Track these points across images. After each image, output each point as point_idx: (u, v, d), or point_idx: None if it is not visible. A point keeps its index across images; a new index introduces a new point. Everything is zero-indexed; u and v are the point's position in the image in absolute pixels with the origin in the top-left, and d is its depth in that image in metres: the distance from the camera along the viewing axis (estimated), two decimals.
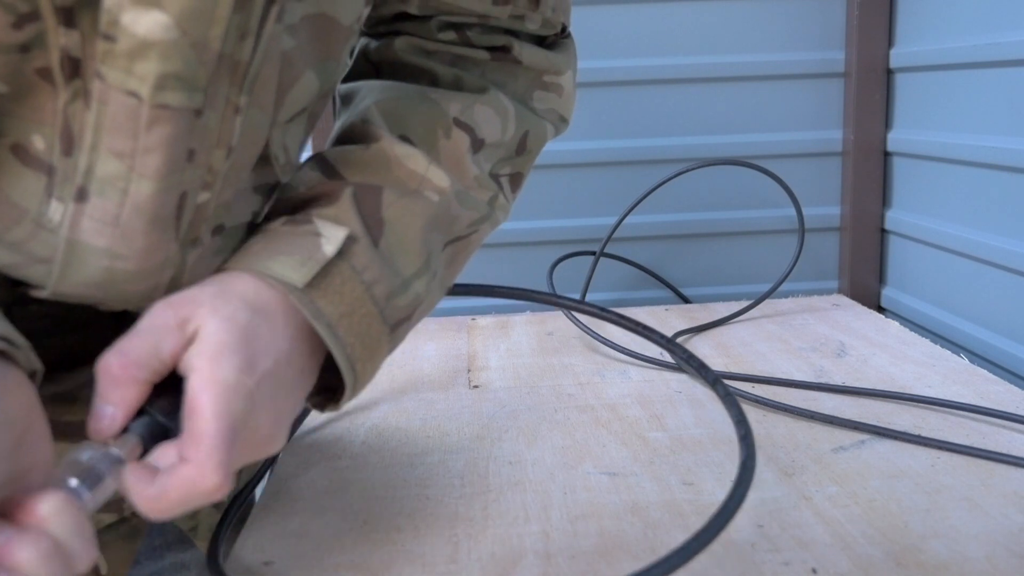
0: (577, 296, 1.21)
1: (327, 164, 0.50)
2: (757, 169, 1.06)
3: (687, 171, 1.08)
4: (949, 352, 0.90)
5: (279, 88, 0.44)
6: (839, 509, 0.58)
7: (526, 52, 0.59)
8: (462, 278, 0.59)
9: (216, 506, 0.60)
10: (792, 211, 1.08)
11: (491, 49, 0.58)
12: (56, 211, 0.40)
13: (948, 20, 1.01)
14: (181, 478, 0.37)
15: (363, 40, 0.59)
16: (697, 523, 0.57)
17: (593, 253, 1.17)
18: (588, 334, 1.00)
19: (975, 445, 0.66)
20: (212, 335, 0.39)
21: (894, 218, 1.16)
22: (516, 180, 0.61)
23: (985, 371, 0.84)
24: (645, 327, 0.61)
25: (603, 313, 0.62)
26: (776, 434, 0.71)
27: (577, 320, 1.04)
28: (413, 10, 0.56)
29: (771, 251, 1.24)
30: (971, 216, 0.99)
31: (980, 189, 0.97)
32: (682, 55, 1.18)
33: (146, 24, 0.35)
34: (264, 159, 0.47)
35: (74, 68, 0.37)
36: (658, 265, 1.25)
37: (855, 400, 0.78)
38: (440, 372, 0.91)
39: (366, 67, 0.59)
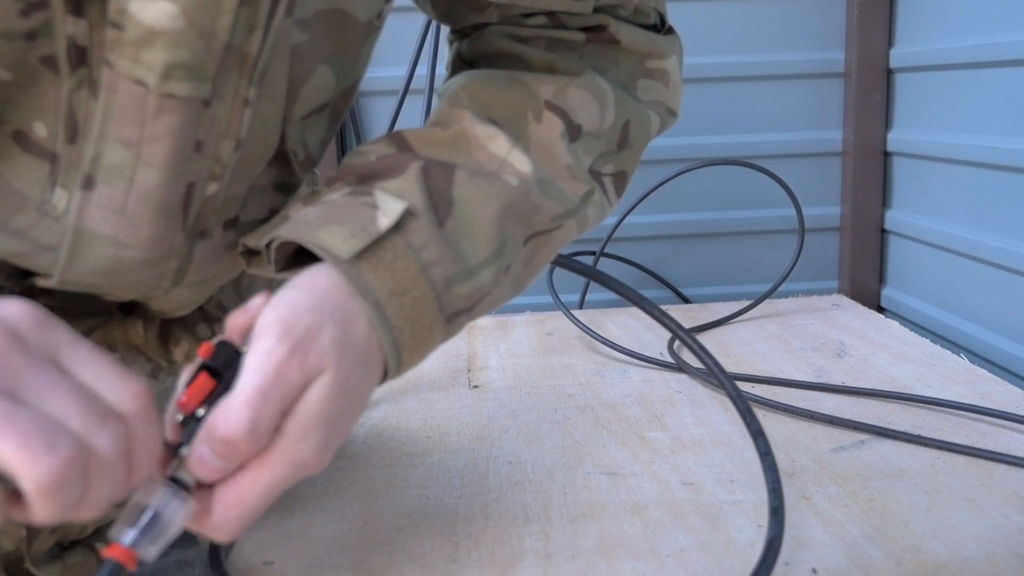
0: (576, 297, 1.21)
1: (403, 141, 0.47)
2: (757, 169, 1.06)
3: (687, 171, 1.08)
4: (949, 352, 0.90)
5: (291, 82, 0.44)
6: (839, 509, 0.58)
7: (624, 31, 0.54)
8: None
9: None
10: (792, 211, 1.08)
11: (586, 30, 0.54)
12: (60, 199, 0.40)
13: (948, 20, 1.01)
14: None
15: (456, 45, 0.58)
16: (697, 523, 0.57)
17: (593, 253, 1.17)
18: (588, 334, 1.00)
19: (975, 445, 0.66)
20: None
21: (894, 218, 1.16)
22: (620, 180, 0.55)
23: (985, 371, 0.84)
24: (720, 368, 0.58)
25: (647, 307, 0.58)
26: (776, 434, 0.71)
27: (577, 320, 1.04)
28: (492, 20, 0.54)
29: (771, 251, 1.24)
30: (971, 216, 0.99)
31: (980, 189, 0.97)
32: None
33: (153, 13, 0.36)
34: (281, 156, 0.47)
35: (80, 57, 0.37)
36: (658, 265, 1.25)
37: (855, 400, 0.78)
38: (440, 372, 0.91)
39: (461, 67, 0.57)
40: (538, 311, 1.17)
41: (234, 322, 0.39)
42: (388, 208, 0.42)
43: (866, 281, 1.20)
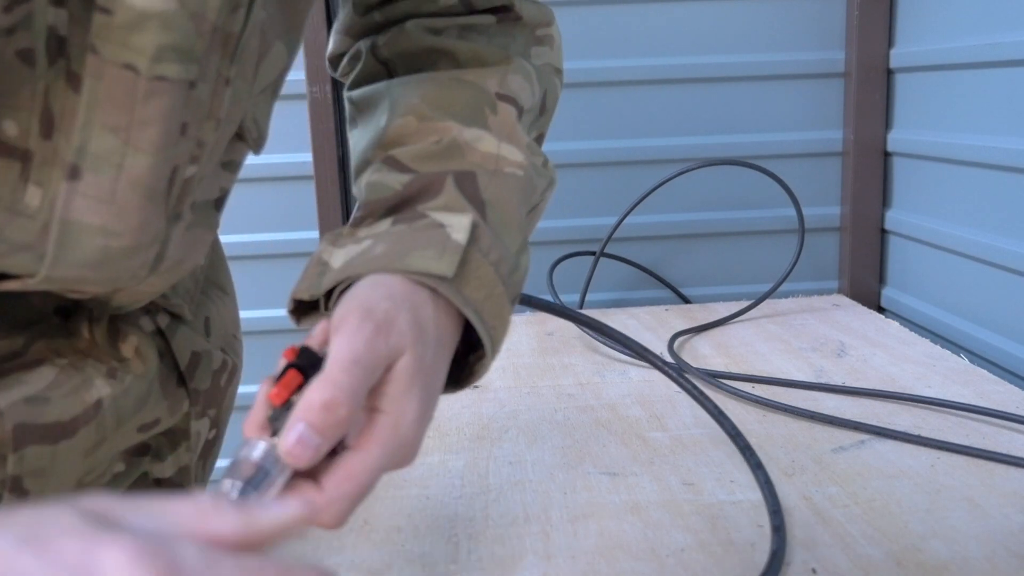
0: (577, 296, 1.21)
1: (402, 165, 0.49)
2: (757, 169, 1.06)
3: (687, 171, 1.08)
4: (949, 352, 0.90)
5: (256, 60, 0.45)
6: (839, 509, 0.58)
7: (525, 7, 0.58)
8: None
9: None
10: (792, 211, 1.08)
11: (495, 11, 0.57)
12: (33, 196, 0.39)
13: (948, 20, 1.01)
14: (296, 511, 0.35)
15: (366, 41, 0.58)
16: (697, 523, 0.57)
17: (593, 253, 1.17)
18: (588, 334, 1.00)
19: (975, 445, 0.66)
20: (405, 384, 0.39)
21: (894, 218, 1.16)
22: (540, 141, 0.60)
23: (985, 371, 0.84)
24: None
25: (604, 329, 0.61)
26: (776, 434, 0.71)
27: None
28: None
29: (771, 251, 1.24)
30: (971, 216, 0.99)
31: (980, 189, 0.97)
32: (682, 55, 1.18)
33: None
34: (237, 134, 0.47)
35: (59, 47, 0.37)
36: (658, 265, 1.25)
37: (855, 400, 0.78)
38: None
39: (376, 67, 0.58)
40: (538, 311, 1.17)
41: (310, 340, 0.41)
42: (456, 224, 0.45)
43: (866, 281, 1.20)
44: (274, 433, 0.37)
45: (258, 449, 0.36)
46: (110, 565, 0.23)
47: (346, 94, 0.59)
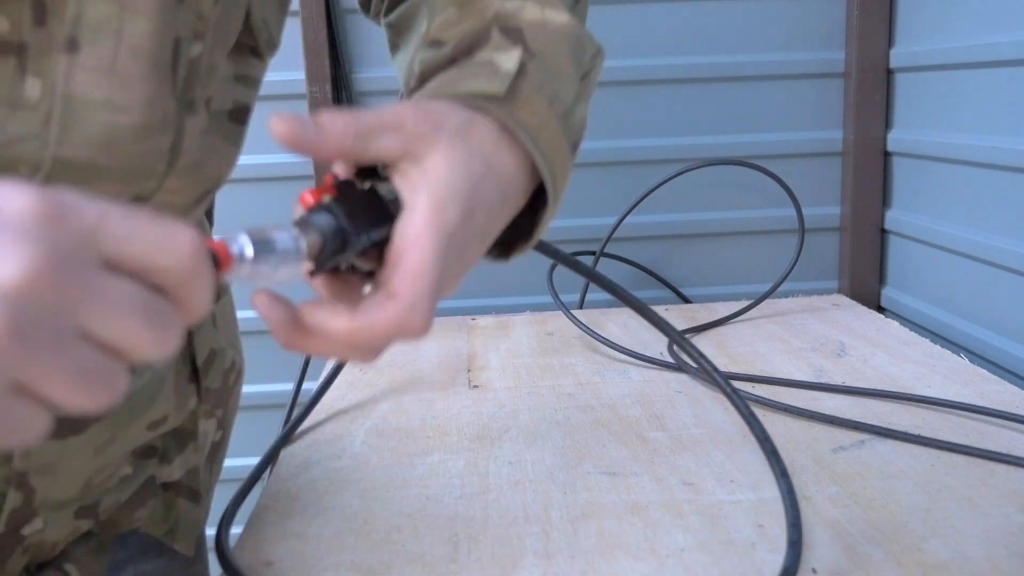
0: (577, 296, 1.21)
1: (441, 42, 0.48)
2: (757, 169, 1.06)
3: (687, 171, 1.08)
4: (949, 352, 0.90)
5: None
6: (839, 509, 0.58)
7: None
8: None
9: (193, 500, 0.58)
10: (792, 211, 1.08)
11: None
12: (33, 87, 0.38)
13: (948, 20, 1.01)
14: (389, 315, 0.35)
15: None
16: (697, 523, 0.57)
17: (593, 253, 1.17)
18: (588, 334, 1.00)
19: (975, 445, 0.66)
20: (444, 176, 0.38)
21: (894, 218, 1.16)
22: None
23: (985, 371, 0.84)
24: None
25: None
26: (776, 434, 0.71)
27: (577, 320, 1.04)
28: None
29: (771, 251, 1.24)
30: (971, 216, 0.99)
31: (980, 189, 0.97)
32: (682, 55, 1.18)
33: None
34: (247, 35, 0.47)
35: None
36: (658, 265, 1.25)
37: (855, 400, 0.78)
38: (440, 372, 0.91)
39: None
40: (538, 311, 1.17)
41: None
42: (504, 58, 0.44)
43: (866, 281, 1.20)
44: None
45: (286, 230, 0.35)
46: (8, 197, 0.26)
47: (383, 22, 0.57)
